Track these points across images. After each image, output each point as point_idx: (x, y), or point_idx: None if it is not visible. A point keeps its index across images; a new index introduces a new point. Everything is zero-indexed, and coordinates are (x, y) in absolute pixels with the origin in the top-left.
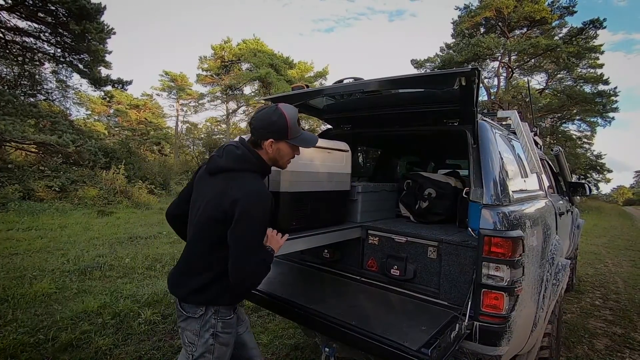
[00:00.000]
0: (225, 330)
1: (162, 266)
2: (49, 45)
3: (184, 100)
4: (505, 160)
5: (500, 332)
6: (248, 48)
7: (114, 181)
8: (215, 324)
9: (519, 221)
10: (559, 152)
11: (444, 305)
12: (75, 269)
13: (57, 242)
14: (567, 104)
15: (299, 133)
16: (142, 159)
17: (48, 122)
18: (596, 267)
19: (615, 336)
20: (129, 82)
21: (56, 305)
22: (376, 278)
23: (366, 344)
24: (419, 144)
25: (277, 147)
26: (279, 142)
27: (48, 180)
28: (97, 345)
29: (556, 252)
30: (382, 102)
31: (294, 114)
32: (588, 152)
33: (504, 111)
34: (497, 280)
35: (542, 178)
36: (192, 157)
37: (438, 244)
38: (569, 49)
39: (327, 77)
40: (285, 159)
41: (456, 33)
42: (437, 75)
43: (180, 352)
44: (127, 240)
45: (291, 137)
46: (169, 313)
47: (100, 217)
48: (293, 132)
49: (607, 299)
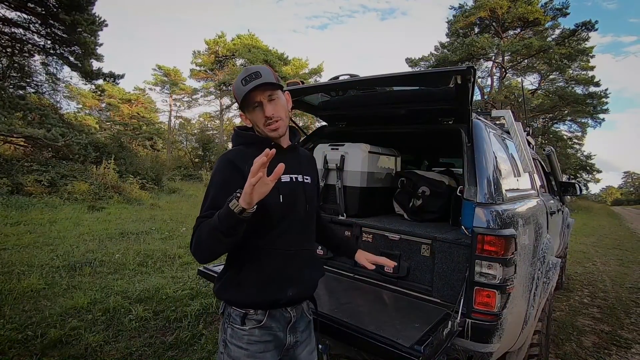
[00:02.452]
0: (233, 341)
1: (153, 262)
2: (39, 36)
3: (177, 95)
4: (498, 159)
5: (492, 329)
6: (242, 43)
7: (105, 176)
8: (226, 328)
9: (511, 220)
10: (550, 152)
11: (436, 302)
12: (65, 264)
13: (46, 237)
14: (559, 105)
15: (241, 95)
16: (134, 154)
17: (37, 115)
18: (585, 265)
19: (602, 333)
20: (121, 76)
21: (45, 301)
22: (369, 275)
23: (359, 341)
24: (414, 142)
25: (246, 118)
26: (243, 113)
27: (37, 175)
28: (87, 342)
29: (547, 250)
30: (378, 100)
31: (238, 78)
32: (578, 152)
33: (498, 110)
34: (489, 278)
35: (535, 177)
36: (185, 153)
37: (431, 242)
38: (561, 51)
39: (322, 74)
40: (260, 124)
41: (451, 32)
42: (433, 73)
43: None
44: (118, 236)
45: (240, 103)
46: (161, 309)
47: (90, 213)
48: (239, 98)
49: (595, 297)
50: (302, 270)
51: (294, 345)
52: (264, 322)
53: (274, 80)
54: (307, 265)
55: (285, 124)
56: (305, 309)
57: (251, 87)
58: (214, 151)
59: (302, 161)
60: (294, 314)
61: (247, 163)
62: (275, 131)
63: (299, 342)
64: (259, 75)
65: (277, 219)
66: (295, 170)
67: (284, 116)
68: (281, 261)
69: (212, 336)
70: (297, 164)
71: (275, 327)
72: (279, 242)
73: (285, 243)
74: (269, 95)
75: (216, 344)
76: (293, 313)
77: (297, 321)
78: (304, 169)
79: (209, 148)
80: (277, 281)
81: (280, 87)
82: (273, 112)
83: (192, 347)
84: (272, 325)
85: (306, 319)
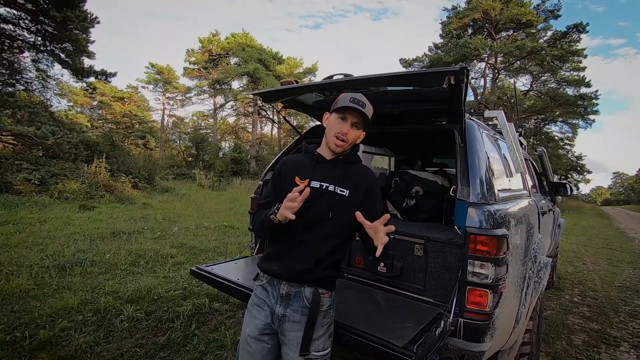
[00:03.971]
0: (254, 292)
1: (145, 262)
2: (29, 33)
3: (171, 93)
4: (491, 159)
5: (484, 328)
6: (237, 42)
7: (96, 175)
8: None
9: (503, 220)
10: (542, 152)
11: (429, 302)
12: (55, 264)
13: (36, 236)
14: (551, 106)
15: (342, 104)
16: (127, 152)
17: (26, 113)
18: (575, 265)
19: (592, 332)
20: (113, 74)
21: (34, 301)
22: (363, 275)
23: (352, 340)
24: (407, 142)
25: (326, 119)
26: (329, 114)
27: (27, 173)
28: (77, 343)
29: (538, 250)
30: (371, 100)
31: (350, 95)
32: (569, 153)
33: (490, 111)
34: (481, 278)
35: (526, 178)
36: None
37: (424, 242)
38: (553, 52)
39: (317, 73)
40: (333, 131)
41: (445, 33)
42: (427, 73)
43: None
44: (109, 236)
45: (336, 108)
46: (153, 310)
47: (81, 212)
48: (338, 104)
49: (585, 296)
50: (290, 255)
51: (282, 318)
52: (264, 284)
53: (368, 117)
54: (299, 253)
55: (346, 147)
56: (307, 297)
57: (354, 106)
58: (207, 150)
59: (343, 174)
60: (287, 291)
61: (290, 168)
62: (338, 147)
63: (287, 317)
64: (364, 106)
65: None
66: (330, 180)
67: (350, 142)
68: (283, 245)
69: (205, 336)
70: (334, 175)
71: (270, 292)
72: (289, 231)
73: (293, 233)
74: (356, 122)
75: (208, 345)
76: (285, 289)
77: (291, 299)
78: (342, 181)
79: (203, 147)
80: (273, 257)
81: (366, 126)
82: (347, 133)
83: (184, 348)
84: (268, 290)
85: (303, 304)
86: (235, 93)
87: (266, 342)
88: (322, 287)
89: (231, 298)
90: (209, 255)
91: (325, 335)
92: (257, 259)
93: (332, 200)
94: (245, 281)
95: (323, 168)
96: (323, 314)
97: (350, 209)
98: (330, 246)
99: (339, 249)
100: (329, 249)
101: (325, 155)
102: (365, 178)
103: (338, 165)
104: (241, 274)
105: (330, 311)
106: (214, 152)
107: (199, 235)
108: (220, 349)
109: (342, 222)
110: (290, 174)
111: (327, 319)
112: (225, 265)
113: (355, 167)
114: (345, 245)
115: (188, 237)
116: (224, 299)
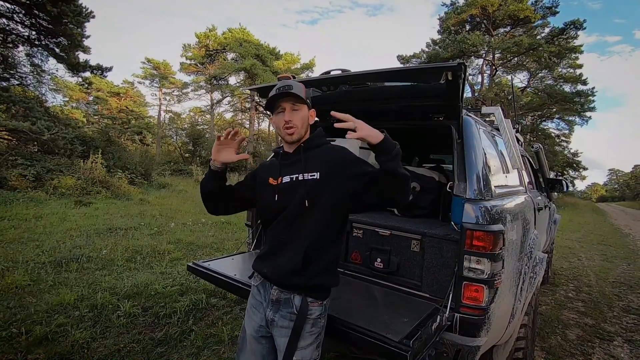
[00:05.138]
0: (251, 292)
1: (142, 258)
2: (23, 27)
3: (167, 89)
4: (488, 155)
5: (480, 323)
6: (234, 37)
7: (92, 171)
8: None
9: (500, 216)
10: (538, 149)
11: (425, 297)
12: (51, 260)
13: (31, 232)
14: (547, 103)
15: (271, 100)
16: (123, 148)
17: (21, 108)
18: (570, 260)
19: (586, 327)
20: (109, 69)
21: (30, 297)
22: (360, 270)
23: (349, 336)
24: (405, 138)
25: (273, 122)
26: (271, 116)
27: (22, 169)
28: (73, 339)
29: (534, 246)
30: (369, 96)
31: (275, 87)
32: (565, 149)
33: (488, 107)
34: (477, 273)
35: (523, 174)
36: (175, 148)
37: (421, 238)
38: (551, 49)
39: (314, 69)
40: (280, 126)
41: (442, 29)
42: (424, 69)
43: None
44: (105, 232)
45: (269, 107)
46: (149, 306)
47: (77, 208)
48: (269, 103)
49: (580, 292)
50: (277, 256)
51: (272, 323)
52: (258, 285)
53: (302, 95)
54: (285, 254)
55: (299, 132)
56: (296, 305)
57: (278, 94)
58: (204, 146)
59: (309, 160)
60: (277, 296)
61: (264, 172)
62: (290, 135)
63: (276, 322)
64: (290, 88)
65: (273, 213)
66: (297, 170)
67: (299, 125)
68: (271, 246)
69: (202, 332)
70: (301, 165)
71: (262, 295)
72: (273, 231)
73: (277, 232)
74: (291, 104)
75: (205, 340)
76: (275, 295)
77: (281, 304)
78: (309, 166)
79: (200, 143)
80: (263, 258)
81: (304, 103)
82: (291, 119)
83: (181, 344)
84: (261, 291)
85: (291, 310)
86: (232, 89)
87: (264, 344)
88: (312, 296)
89: (228, 294)
90: (206, 251)
91: (313, 346)
92: (254, 254)
93: (306, 187)
94: (242, 277)
95: (290, 162)
96: (312, 322)
97: (325, 191)
98: (316, 240)
99: (327, 245)
100: (315, 244)
101: (289, 150)
102: (335, 154)
103: (301, 154)
104: (238, 270)
105: (320, 320)
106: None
107: (195, 231)
108: (218, 345)
109: (321, 208)
110: (264, 177)
111: (315, 327)
112: (222, 261)
113: (322, 149)
114: (335, 242)
115: (185, 233)
116: (221, 295)
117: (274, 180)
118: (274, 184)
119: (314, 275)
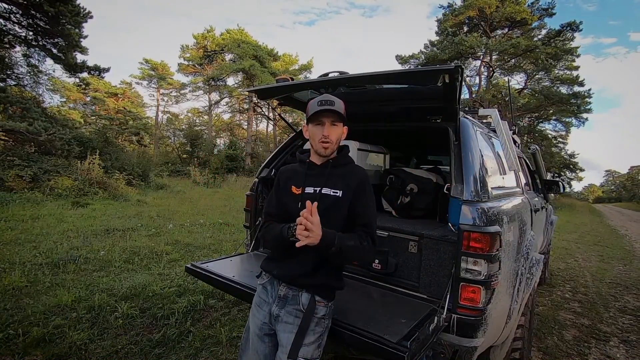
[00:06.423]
0: (257, 291)
1: (140, 259)
2: (20, 27)
3: (165, 89)
4: (485, 157)
5: (477, 324)
6: (232, 38)
7: (89, 171)
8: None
9: (497, 217)
10: (535, 150)
11: (423, 298)
12: (48, 261)
13: (28, 233)
14: (544, 104)
15: (312, 111)
16: (120, 149)
17: (18, 108)
18: (567, 261)
19: (583, 327)
20: (107, 70)
21: (27, 299)
22: (358, 272)
23: (347, 337)
24: (402, 140)
25: (307, 130)
26: (306, 125)
27: (19, 170)
28: (71, 340)
29: (531, 247)
30: (367, 98)
31: (317, 98)
32: (562, 151)
33: (485, 109)
34: (475, 274)
35: (520, 175)
36: (173, 149)
37: (419, 239)
38: (547, 50)
39: (312, 70)
40: (316, 139)
41: (440, 31)
42: (422, 71)
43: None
44: (103, 233)
45: (308, 117)
46: (147, 307)
47: (74, 209)
48: (310, 113)
49: (576, 292)
50: (290, 259)
51: (277, 318)
52: (264, 284)
53: (341, 112)
54: (298, 259)
55: (333, 147)
56: (303, 302)
57: (324, 108)
58: (202, 147)
59: (334, 176)
60: (285, 292)
61: (286, 178)
62: (325, 150)
63: (281, 318)
64: (333, 104)
65: (293, 220)
66: (321, 183)
67: (334, 141)
68: (284, 249)
69: (200, 333)
70: (325, 179)
71: (269, 292)
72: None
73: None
74: (332, 121)
75: (203, 342)
76: (283, 291)
77: (288, 301)
78: (333, 182)
79: (197, 144)
80: (274, 261)
81: (344, 121)
82: (329, 134)
83: (179, 345)
84: (268, 289)
85: (298, 307)
86: (230, 90)
87: (267, 343)
88: (319, 294)
89: (226, 295)
90: (204, 252)
91: (315, 344)
92: (253, 255)
93: (328, 202)
94: (240, 278)
95: (315, 174)
96: (316, 321)
97: (343, 207)
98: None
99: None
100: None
101: (316, 161)
102: (356, 176)
103: (328, 168)
104: (236, 271)
105: (324, 321)
106: (209, 149)
107: (193, 233)
108: (216, 346)
109: (336, 221)
110: (287, 183)
111: (319, 327)
112: (221, 263)
113: (346, 168)
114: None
115: (183, 234)
116: (219, 296)
117: (297, 189)
118: (297, 193)
119: (322, 276)
